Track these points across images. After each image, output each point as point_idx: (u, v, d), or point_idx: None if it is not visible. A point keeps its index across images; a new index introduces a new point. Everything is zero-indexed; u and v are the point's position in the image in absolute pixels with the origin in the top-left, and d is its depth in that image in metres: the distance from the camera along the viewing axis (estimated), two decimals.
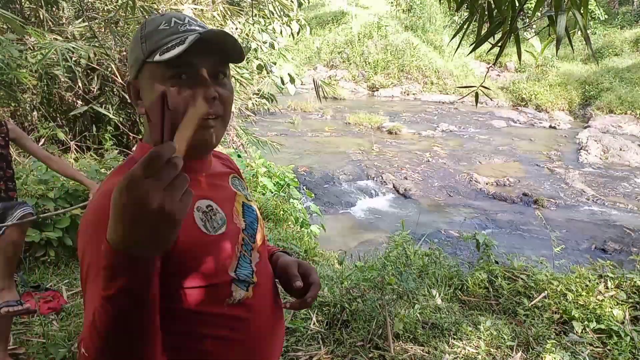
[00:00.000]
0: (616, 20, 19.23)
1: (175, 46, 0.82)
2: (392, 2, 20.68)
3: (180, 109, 0.83)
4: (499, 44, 1.77)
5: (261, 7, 6.62)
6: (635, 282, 3.23)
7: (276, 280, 1.09)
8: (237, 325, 0.90)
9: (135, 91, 0.90)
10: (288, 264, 1.06)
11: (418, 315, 2.96)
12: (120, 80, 5.01)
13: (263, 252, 1.02)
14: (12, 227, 2.22)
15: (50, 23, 4.82)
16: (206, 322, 0.86)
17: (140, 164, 0.58)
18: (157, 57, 0.83)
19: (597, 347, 2.82)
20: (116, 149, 5.12)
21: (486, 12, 1.78)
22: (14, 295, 2.37)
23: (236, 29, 6.12)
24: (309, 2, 12.70)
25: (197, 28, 0.88)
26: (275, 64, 6.82)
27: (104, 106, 5.08)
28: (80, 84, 4.80)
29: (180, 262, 0.83)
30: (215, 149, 0.99)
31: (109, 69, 5.03)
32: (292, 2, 6.81)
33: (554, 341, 2.76)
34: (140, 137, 5.35)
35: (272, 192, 5.76)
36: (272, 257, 1.12)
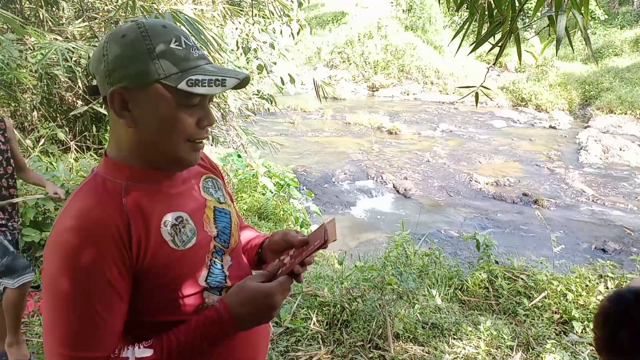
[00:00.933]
0: (616, 20, 19.23)
1: (212, 84, 0.83)
2: (392, 2, 20.67)
3: (188, 133, 0.87)
4: (499, 44, 1.77)
5: (261, 7, 6.62)
6: None
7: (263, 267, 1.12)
8: None
9: (122, 101, 0.85)
10: (286, 231, 1.09)
11: (418, 315, 2.96)
12: None
13: (237, 254, 1.04)
14: (13, 290, 2.27)
15: (50, 23, 4.82)
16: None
17: (283, 287, 0.91)
18: (183, 86, 0.82)
19: None
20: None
21: (486, 12, 1.78)
22: (23, 353, 2.38)
23: (236, 28, 6.12)
24: (309, 2, 12.70)
25: (203, 52, 0.90)
26: (275, 64, 6.82)
27: (104, 106, 5.07)
28: (80, 84, 4.79)
29: (152, 279, 0.86)
30: None
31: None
32: (292, 2, 6.81)
33: (554, 341, 2.76)
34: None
35: (272, 192, 5.76)
36: (262, 244, 1.14)
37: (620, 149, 10.33)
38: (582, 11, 1.54)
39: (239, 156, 6.00)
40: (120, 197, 0.85)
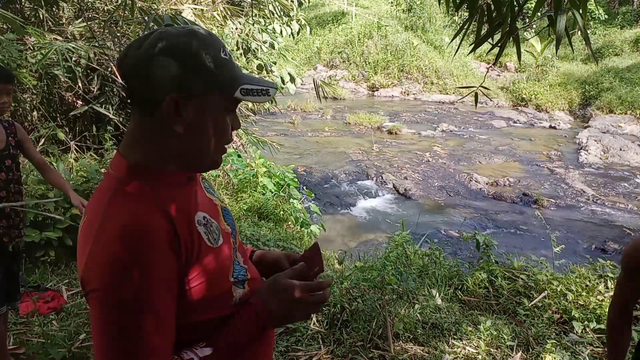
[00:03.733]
0: (616, 20, 19.23)
1: (261, 94, 0.90)
2: (392, 2, 20.67)
3: (227, 137, 0.93)
4: (499, 44, 1.77)
5: (261, 7, 6.62)
6: None
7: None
8: None
9: (176, 107, 0.85)
10: (278, 257, 1.14)
11: (418, 315, 2.96)
12: (120, 81, 4.98)
13: (242, 249, 1.07)
14: None
15: (50, 23, 4.82)
16: (218, 326, 0.91)
17: (321, 300, 0.95)
18: (238, 95, 0.88)
19: (597, 347, 2.82)
20: (116, 149, 5.09)
21: (485, 14, 1.78)
22: None
23: (236, 28, 6.12)
24: (309, 2, 12.70)
25: (236, 62, 0.95)
26: (275, 64, 6.82)
27: (104, 106, 5.08)
28: (80, 84, 4.79)
29: (195, 278, 0.87)
30: None
31: (109, 69, 5.02)
32: (292, 2, 6.81)
33: (554, 341, 2.76)
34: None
35: (272, 192, 5.76)
36: (251, 256, 1.17)
37: (620, 149, 10.33)
38: (581, 11, 1.54)
39: (239, 156, 6.00)
40: (157, 200, 0.85)
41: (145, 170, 0.88)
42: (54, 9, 5.07)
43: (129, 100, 0.90)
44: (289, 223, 5.42)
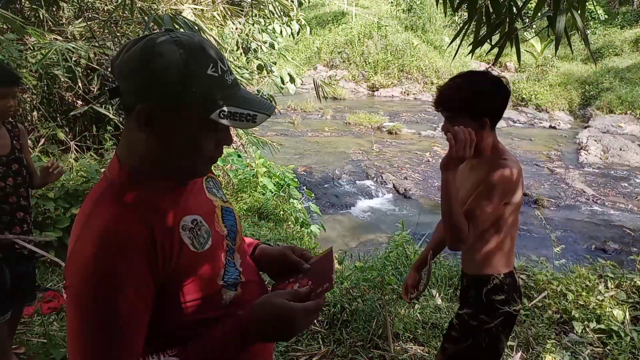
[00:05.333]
0: (616, 20, 19.23)
1: (243, 119, 0.84)
2: (392, 2, 20.67)
3: (207, 153, 0.89)
4: (498, 45, 1.77)
5: (261, 7, 6.62)
6: (635, 282, 3.24)
7: (261, 272, 1.13)
8: None
9: (148, 116, 0.83)
10: (283, 251, 1.11)
11: (418, 315, 2.96)
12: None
13: (243, 250, 1.06)
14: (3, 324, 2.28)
15: (50, 23, 4.81)
16: (205, 326, 0.90)
17: (307, 311, 0.89)
18: (215, 117, 0.83)
19: (597, 347, 2.82)
20: (116, 149, 5.08)
21: (484, 17, 1.78)
22: None
23: (236, 28, 6.13)
24: (309, 2, 12.70)
25: (235, 76, 0.89)
26: (275, 64, 6.82)
27: (104, 106, 5.07)
28: (80, 84, 4.79)
29: (175, 284, 0.87)
30: None
31: (109, 69, 5.02)
32: (292, 2, 6.81)
33: (554, 341, 2.76)
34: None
35: (272, 192, 5.76)
36: (255, 250, 1.16)
37: (620, 149, 10.33)
38: (579, 12, 1.54)
39: (239, 156, 6.00)
40: (140, 205, 0.86)
41: (135, 174, 0.89)
42: (54, 9, 5.07)
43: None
44: (289, 223, 5.42)
